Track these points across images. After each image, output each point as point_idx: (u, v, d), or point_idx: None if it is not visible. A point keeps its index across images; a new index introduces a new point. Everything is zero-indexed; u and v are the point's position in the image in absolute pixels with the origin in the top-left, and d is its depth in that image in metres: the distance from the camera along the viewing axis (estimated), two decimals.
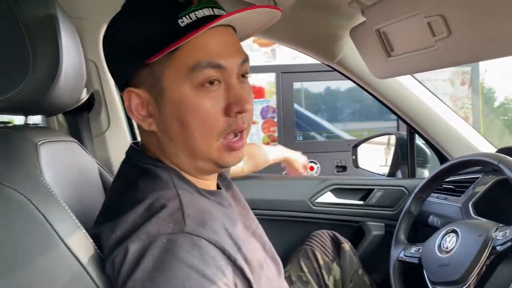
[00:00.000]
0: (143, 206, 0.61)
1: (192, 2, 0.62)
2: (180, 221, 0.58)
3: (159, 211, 0.59)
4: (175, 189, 0.64)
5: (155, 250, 0.55)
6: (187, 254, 0.56)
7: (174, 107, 0.64)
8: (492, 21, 0.77)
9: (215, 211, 0.66)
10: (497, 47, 0.82)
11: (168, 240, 0.56)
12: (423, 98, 1.36)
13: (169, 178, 0.66)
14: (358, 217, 1.42)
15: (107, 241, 0.60)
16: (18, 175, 0.59)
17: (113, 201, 0.69)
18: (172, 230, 0.57)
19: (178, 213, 0.59)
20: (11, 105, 0.67)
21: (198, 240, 0.57)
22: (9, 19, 0.67)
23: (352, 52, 1.27)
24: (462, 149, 1.34)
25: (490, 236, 0.91)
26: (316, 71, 2.86)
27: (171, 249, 0.55)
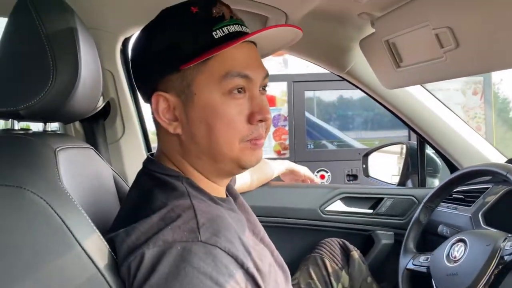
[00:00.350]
0: (158, 215, 0.63)
1: (225, 17, 0.68)
2: (195, 230, 0.60)
3: (174, 220, 0.62)
4: (189, 199, 0.66)
5: (170, 257, 0.58)
6: (201, 262, 0.58)
7: (202, 111, 0.68)
8: (499, 33, 0.78)
9: (229, 218, 0.68)
10: (503, 59, 0.83)
11: (183, 248, 0.58)
12: (432, 108, 1.37)
13: (183, 188, 0.69)
14: (368, 225, 1.42)
15: (122, 246, 0.62)
16: (38, 179, 0.62)
17: (129, 209, 0.71)
18: (187, 239, 0.59)
19: (192, 222, 0.62)
20: (32, 113, 0.70)
21: (212, 249, 0.60)
22: (32, 32, 0.70)
23: (362, 63, 1.29)
24: (472, 159, 1.35)
25: (498, 246, 0.91)
26: (327, 80, 2.88)
27: (186, 257, 0.58)
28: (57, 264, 0.58)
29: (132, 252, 0.60)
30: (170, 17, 0.70)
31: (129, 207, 0.72)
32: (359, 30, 1.20)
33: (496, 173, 0.99)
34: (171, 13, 0.70)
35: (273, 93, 3.05)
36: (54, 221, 0.59)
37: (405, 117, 1.38)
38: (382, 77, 1.22)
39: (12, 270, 0.57)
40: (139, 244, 0.60)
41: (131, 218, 0.65)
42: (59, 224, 0.59)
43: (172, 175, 0.71)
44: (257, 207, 1.35)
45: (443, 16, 0.88)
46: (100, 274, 0.60)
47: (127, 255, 0.61)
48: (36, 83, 0.69)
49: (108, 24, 1.14)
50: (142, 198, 0.69)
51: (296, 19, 1.15)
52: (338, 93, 3.16)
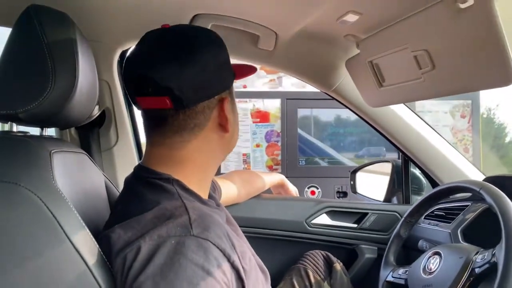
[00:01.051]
0: (152, 213, 0.69)
1: None
2: (187, 226, 0.66)
3: (168, 218, 0.68)
4: (180, 198, 0.73)
5: (165, 249, 0.63)
6: (194, 254, 0.63)
7: (237, 115, 0.85)
8: (470, 57, 0.84)
9: (217, 216, 0.75)
10: (476, 81, 0.88)
11: (177, 242, 0.64)
12: (416, 127, 1.42)
13: (173, 189, 0.74)
14: (352, 239, 1.46)
15: (119, 241, 0.67)
16: (33, 177, 0.66)
17: (122, 211, 0.76)
18: (180, 233, 0.65)
19: (185, 218, 0.67)
20: (30, 117, 0.74)
21: (204, 242, 0.65)
22: (34, 40, 0.75)
23: (348, 82, 1.35)
24: (453, 177, 1.39)
25: (470, 258, 0.95)
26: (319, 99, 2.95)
27: (180, 249, 0.63)
28: (47, 257, 0.62)
29: (128, 245, 0.65)
30: (214, 38, 0.80)
31: (122, 209, 0.77)
32: (345, 50, 1.26)
33: (470, 189, 1.04)
34: (213, 34, 0.80)
35: (267, 109, 3.11)
36: (46, 216, 0.63)
37: (389, 135, 1.43)
38: (366, 95, 1.27)
39: (4, 261, 0.61)
40: (135, 238, 0.66)
41: (125, 217, 0.70)
42: (50, 219, 0.63)
43: (162, 178, 0.75)
44: (244, 218, 1.39)
45: (420, 39, 0.93)
46: (88, 268, 0.63)
47: (122, 249, 0.66)
48: (36, 89, 0.73)
49: (107, 36, 1.19)
50: (135, 199, 0.75)
51: (286, 38, 1.21)
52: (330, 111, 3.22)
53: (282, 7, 1.03)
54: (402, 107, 1.42)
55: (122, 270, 0.65)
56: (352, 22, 1.04)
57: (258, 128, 3.13)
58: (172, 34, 0.76)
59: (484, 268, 0.91)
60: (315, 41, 1.22)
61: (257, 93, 3.08)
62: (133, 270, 0.63)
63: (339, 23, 1.06)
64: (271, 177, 1.47)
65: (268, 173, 1.48)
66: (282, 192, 1.51)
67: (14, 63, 0.77)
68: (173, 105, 0.72)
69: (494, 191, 0.96)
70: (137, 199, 0.74)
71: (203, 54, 0.74)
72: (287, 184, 1.50)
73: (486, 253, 0.93)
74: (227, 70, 0.80)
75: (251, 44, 1.25)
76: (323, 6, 0.98)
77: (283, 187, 1.50)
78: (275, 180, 1.48)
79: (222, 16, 1.10)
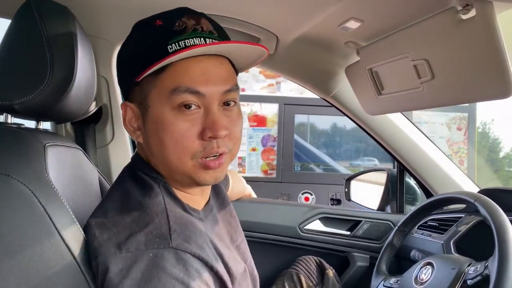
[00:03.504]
0: (132, 216, 0.65)
1: (186, 30, 0.67)
2: (166, 237, 0.62)
3: (147, 225, 0.63)
4: (163, 202, 0.68)
5: (142, 263, 0.59)
6: (173, 267, 0.60)
7: (154, 124, 0.69)
8: (470, 68, 0.84)
9: (199, 226, 0.70)
10: (475, 92, 0.88)
11: (155, 254, 0.60)
12: (413, 137, 1.42)
13: (158, 190, 0.70)
14: (345, 247, 1.46)
15: (94, 241, 0.64)
16: (26, 170, 0.65)
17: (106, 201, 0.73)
18: (159, 245, 0.61)
19: (164, 228, 0.63)
20: (26, 108, 0.74)
21: (183, 254, 0.61)
22: (33, 33, 0.75)
23: (347, 89, 1.35)
24: (448, 187, 1.40)
25: (463, 270, 0.95)
26: (317, 105, 2.95)
27: (158, 263, 0.59)
28: (37, 250, 0.61)
29: (102, 251, 0.62)
30: (136, 28, 0.72)
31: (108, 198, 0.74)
32: (345, 57, 1.26)
33: (465, 200, 1.04)
34: (138, 25, 0.72)
35: (264, 113, 3.12)
36: (37, 209, 0.62)
37: (386, 144, 1.44)
38: (364, 103, 1.27)
39: None
40: (110, 244, 0.62)
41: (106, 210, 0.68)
42: (41, 212, 0.62)
43: (151, 176, 0.73)
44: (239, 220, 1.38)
45: (420, 49, 0.94)
46: (76, 262, 0.63)
47: (97, 254, 0.63)
48: (33, 81, 0.73)
49: (107, 32, 1.19)
50: (120, 192, 0.72)
51: (286, 42, 1.21)
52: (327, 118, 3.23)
53: (284, 10, 1.03)
54: (400, 116, 1.42)
55: (99, 277, 0.62)
56: (353, 29, 1.04)
57: (254, 132, 3.13)
58: None
59: (476, 280, 0.91)
60: (315, 47, 1.22)
61: (255, 97, 3.08)
62: (108, 283, 0.60)
63: (340, 30, 1.06)
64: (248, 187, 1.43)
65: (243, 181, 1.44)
66: None
67: (13, 55, 0.76)
68: None
69: (489, 203, 0.96)
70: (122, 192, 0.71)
71: (125, 44, 0.74)
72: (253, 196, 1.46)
73: (479, 265, 0.93)
74: (127, 69, 0.73)
75: None
76: (325, 11, 0.98)
77: None
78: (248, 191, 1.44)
79: (223, 17, 1.09)
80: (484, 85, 0.84)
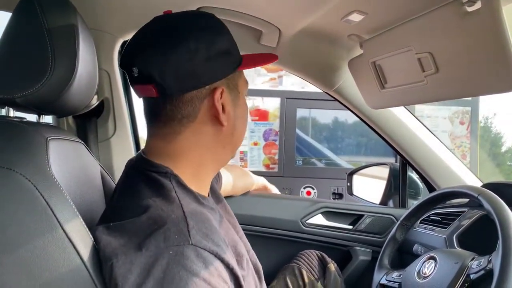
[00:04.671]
0: (147, 215, 0.65)
1: None
2: (185, 233, 0.62)
3: (165, 223, 0.63)
4: (177, 198, 0.69)
5: (164, 261, 0.59)
6: (194, 265, 0.60)
7: (243, 109, 0.81)
8: (474, 61, 0.83)
9: (213, 219, 0.70)
10: (480, 86, 0.88)
11: (175, 252, 0.60)
12: (416, 131, 1.41)
13: (170, 186, 0.71)
14: (347, 241, 1.46)
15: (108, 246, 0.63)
16: (27, 163, 0.65)
17: (118, 204, 0.73)
18: (178, 242, 0.61)
19: (182, 224, 0.63)
20: (27, 102, 0.73)
21: (202, 252, 0.62)
22: (34, 26, 0.74)
23: (350, 82, 1.34)
24: (450, 182, 1.39)
25: (466, 264, 0.94)
26: (319, 99, 2.94)
27: (179, 261, 0.60)
28: (39, 244, 0.61)
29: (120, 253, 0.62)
30: (220, 24, 0.77)
31: (117, 202, 0.74)
32: (348, 50, 1.25)
33: (469, 195, 1.04)
34: (217, 20, 0.77)
35: (266, 108, 3.10)
36: (39, 203, 0.62)
37: (388, 138, 1.43)
38: (367, 97, 1.26)
39: None
40: (129, 246, 0.62)
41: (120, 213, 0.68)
42: (43, 206, 0.62)
43: (160, 172, 0.72)
44: (240, 215, 1.37)
45: (425, 42, 0.93)
46: (79, 256, 0.62)
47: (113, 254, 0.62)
48: (34, 74, 0.72)
49: (109, 26, 1.18)
50: (131, 193, 0.71)
51: (289, 35, 1.20)
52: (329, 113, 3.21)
53: (287, 3, 1.03)
54: (403, 110, 1.41)
55: (110, 279, 0.61)
56: (357, 22, 1.04)
57: (256, 126, 3.12)
58: (161, 21, 0.74)
59: (479, 275, 0.90)
60: (318, 40, 1.21)
61: (257, 91, 3.06)
62: (129, 284, 0.59)
63: (344, 22, 1.05)
64: (256, 178, 1.46)
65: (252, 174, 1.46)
66: None
67: (14, 48, 0.76)
68: (158, 93, 0.70)
69: (492, 197, 0.95)
70: (133, 194, 0.71)
71: (190, 41, 0.70)
72: (268, 187, 1.49)
73: (482, 259, 0.92)
74: (225, 58, 0.75)
75: (254, 40, 1.24)
76: (328, 4, 0.97)
77: (266, 190, 1.50)
78: (260, 184, 1.47)
79: (225, 10, 1.09)
80: (489, 78, 0.83)
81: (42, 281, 0.61)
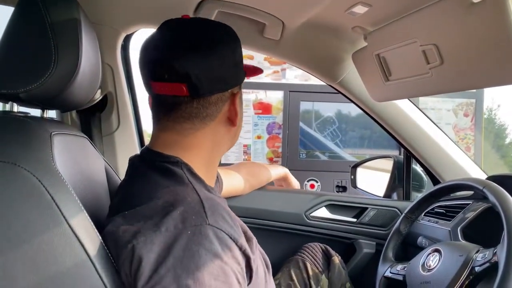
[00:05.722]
0: (163, 199, 0.68)
1: None
2: (202, 214, 0.66)
3: (181, 204, 0.66)
4: (190, 183, 0.73)
5: (183, 240, 0.63)
6: (212, 244, 0.64)
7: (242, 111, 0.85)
8: (480, 53, 0.82)
9: (224, 205, 0.74)
10: (486, 77, 0.87)
11: (193, 232, 0.64)
12: (420, 123, 1.41)
13: (182, 173, 0.74)
14: (351, 234, 1.46)
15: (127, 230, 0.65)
16: (32, 158, 0.65)
17: (128, 193, 0.75)
18: (196, 223, 0.64)
19: (199, 206, 0.67)
20: (31, 97, 0.73)
21: (219, 233, 0.65)
22: (37, 20, 0.74)
23: (354, 75, 1.33)
24: (455, 174, 1.39)
25: (471, 257, 0.94)
26: (323, 92, 2.93)
27: (198, 240, 0.63)
28: (44, 238, 0.61)
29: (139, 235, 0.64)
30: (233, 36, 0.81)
31: (128, 191, 0.76)
32: (352, 43, 1.24)
33: (474, 187, 1.03)
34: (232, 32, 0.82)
35: (269, 101, 3.10)
36: (44, 198, 0.62)
37: (392, 130, 1.42)
38: (371, 89, 1.26)
39: (1, 240, 0.60)
40: (149, 228, 0.64)
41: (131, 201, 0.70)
42: (48, 201, 0.62)
43: (171, 161, 0.76)
44: (243, 208, 1.38)
45: (429, 33, 0.92)
46: (85, 251, 0.63)
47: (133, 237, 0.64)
48: (37, 69, 0.72)
49: (112, 20, 1.18)
50: (142, 182, 0.74)
51: (292, 28, 1.19)
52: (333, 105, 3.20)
53: None
54: (407, 102, 1.40)
55: (131, 261, 0.63)
56: (361, 14, 1.03)
57: (259, 120, 3.11)
58: (194, 25, 0.78)
59: (484, 267, 0.91)
60: (322, 32, 1.21)
61: (260, 84, 3.05)
62: (150, 263, 0.62)
63: (347, 14, 1.05)
64: (275, 170, 1.47)
65: (273, 166, 1.48)
66: (284, 185, 1.51)
67: (16, 43, 0.76)
68: (189, 92, 0.74)
69: (498, 190, 0.95)
70: (145, 181, 0.74)
71: (223, 48, 0.76)
72: (290, 178, 1.50)
73: (487, 252, 0.92)
74: (241, 67, 0.82)
75: (257, 33, 1.24)
76: None
77: (286, 180, 1.50)
78: (279, 173, 1.48)
79: (228, 3, 1.08)
80: (494, 70, 0.82)
81: (48, 275, 0.61)
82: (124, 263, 0.65)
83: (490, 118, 5.80)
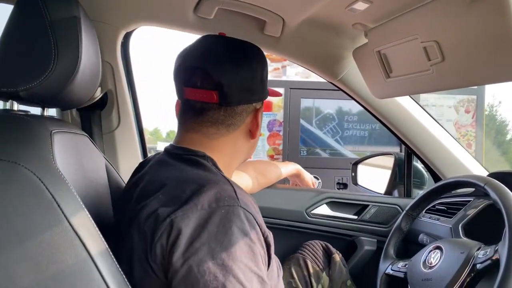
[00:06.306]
0: (196, 183, 0.72)
1: None
2: (234, 197, 0.71)
3: (215, 187, 0.72)
4: (220, 173, 0.79)
5: (217, 218, 0.68)
6: (242, 223, 0.69)
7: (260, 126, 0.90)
8: (481, 49, 0.82)
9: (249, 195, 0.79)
10: (487, 74, 0.87)
11: (227, 211, 0.69)
12: (421, 120, 1.40)
13: (211, 166, 0.80)
14: (352, 231, 1.46)
15: (165, 209, 0.69)
16: (32, 157, 0.64)
17: (158, 182, 0.77)
18: (228, 203, 0.70)
19: (230, 190, 0.73)
20: (31, 95, 0.73)
21: (249, 215, 0.71)
22: (37, 18, 0.73)
23: (354, 72, 1.33)
24: (456, 171, 1.38)
25: (472, 254, 0.94)
26: (323, 89, 2.92)
27: (230, 218, 0.69)
28: (45, 237, 0.61)
29: (178, 211, 0.68)
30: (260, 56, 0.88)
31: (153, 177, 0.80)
32: (352, 40, 1.24)
33: (475, 184, 1.03)
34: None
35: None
36: (45, 197, 0.62)
37: (394, 127, 1.42)
38: (372, 86, 1.25)
39: (2, 239, 0.60)
40: (185, 205, 0.69)
41: (161, 184, 0.74)
42: (49, 199, 0.62)
43: (198, 155, 0.81)
44: None
45: (430, 30, 0.92)
46: (85, 249, 0.62)
47: (172, 213, 0.68)
48: (37, 67, 0.72)
49: (111, 17, 1.17)
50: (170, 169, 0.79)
51: (293, 25, 1.19)
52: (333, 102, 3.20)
53: None
54: (408, 99, 1.40)
55: (170, 233, 0.67)
56: (361, 11, 1.02)
57: None
58: (230, 40, 0.86)
59: (485, 264, 0.90)
60: (322, 29, 1.20)
61: None
62: (185, 236, 0.66)
63: (348, 11, 1.04)
64: (286, 167, 1.48)
65: (283, 163, 1.49)
66: (298, 181, 1.52)
67: (16, 41, 0.75)
68: (219, 100, 0.80)
69: (499, 187, 0.95)
70: (173, 169, 0.78)
71: (255, 63, 0.84)
72: (303, 174, 1.51)
73: (488, 249, 0.92)
74: (266, 84, 0.89)
75: (258, 30, 1.23)
76: None
77: (299, 177, 1.51)
78: (291, 170, 1.49)
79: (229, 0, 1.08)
80: (495, 66, 0.82)
81: (49, 274, 0.61)
82: (162, 235, 0.68)
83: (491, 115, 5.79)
